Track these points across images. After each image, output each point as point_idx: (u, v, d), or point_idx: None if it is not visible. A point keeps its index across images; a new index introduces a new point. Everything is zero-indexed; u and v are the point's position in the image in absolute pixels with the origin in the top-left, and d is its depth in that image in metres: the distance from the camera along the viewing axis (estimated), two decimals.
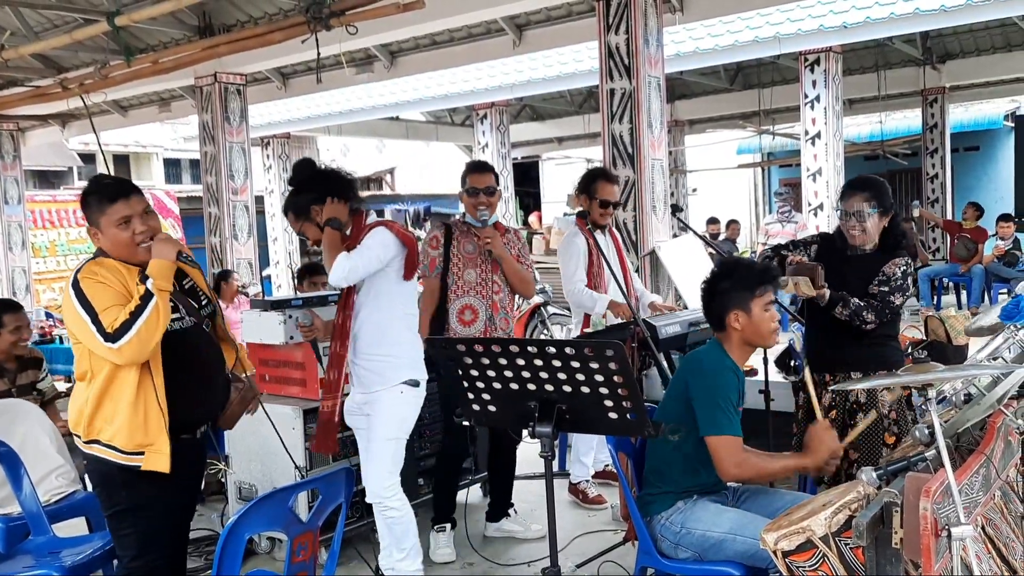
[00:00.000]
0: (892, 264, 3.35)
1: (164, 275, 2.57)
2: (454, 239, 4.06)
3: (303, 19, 4.26)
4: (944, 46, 11.64)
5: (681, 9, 6.98)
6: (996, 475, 2.35)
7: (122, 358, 2.49)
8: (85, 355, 2.60)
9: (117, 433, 2.58)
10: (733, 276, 2.88)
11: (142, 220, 2.64)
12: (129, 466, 2.58)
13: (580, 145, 16.96)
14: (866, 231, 3.34)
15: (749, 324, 2.83)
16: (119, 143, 21.36)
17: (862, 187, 3.38)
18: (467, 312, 4.05)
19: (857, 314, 3.29)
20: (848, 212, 3.35)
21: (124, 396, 2.57)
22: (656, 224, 6.09)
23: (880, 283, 3.34)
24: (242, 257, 9.10)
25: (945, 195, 12.78)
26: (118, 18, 4.86)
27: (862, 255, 3.40)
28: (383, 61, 9.17)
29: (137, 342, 2.47)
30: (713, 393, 2.76)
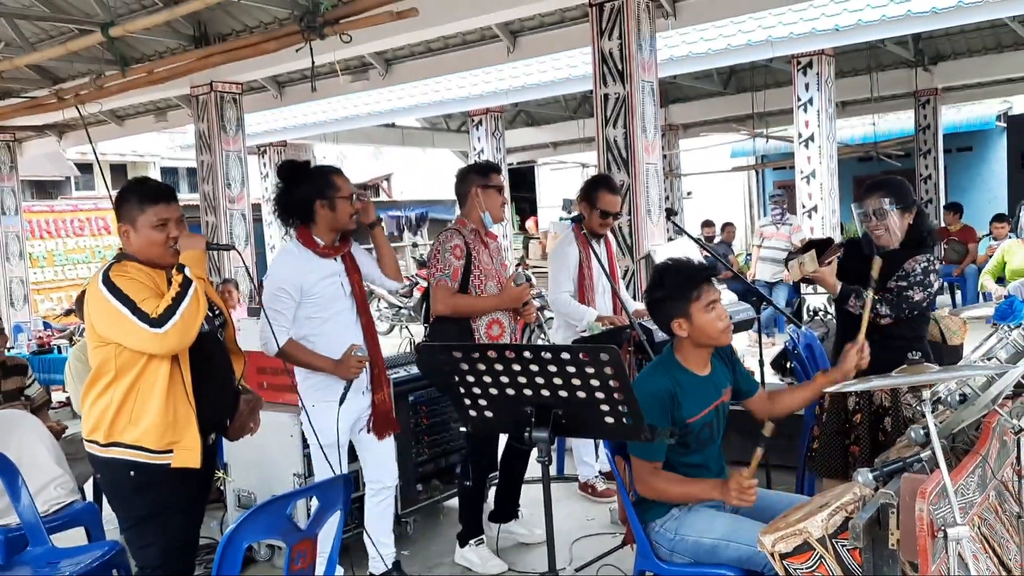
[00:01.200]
0: (913, 260, 3.28)
1: (199, 263, 2.63)
2: (472, 250, 3.96)
3: (297, 28, 4.28)
4: (936, 48, 11.68)
5: (674, 14, 7.00)
6: (992, 475, 2.37)
7: (166, 344, 2.50)
8: (110, 356, 2.60)
9: (146, 433, 2.59)
10: (665, 284, 2.84)
11: (177, 226, 2.71)
12: (157, 465, 2.60)
13: (575, 150, 17.01)
14: (889, 229, 3.27)
15: (693, 328, 2.79)
16: (116, 152, 21.38)
17: (878, 187, 3.33)
18: (495, 327, 3.97)
19: (874, 306, 3.19)
20: (867, 213, 3.29)
21: (154, 393, 2.59)
22: (651, 228, 6.11)
23: (899, 278, 3.27)
24: (239, 265, 9.10)
25: (939, 196, 12.82)
26: (112, 29, 4.87)
27: (885, 254, 3.30)
28: (378, 69, 9.19)
29: (182, 325, 2.50)
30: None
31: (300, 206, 3.39)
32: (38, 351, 8.25)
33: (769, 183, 18.97)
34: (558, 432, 2.33)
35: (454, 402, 2.45)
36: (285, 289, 3.33)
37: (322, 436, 3.40)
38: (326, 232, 3.42)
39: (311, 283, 3.36)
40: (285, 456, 4.13)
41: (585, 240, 4.58)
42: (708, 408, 2.88)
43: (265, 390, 4.31)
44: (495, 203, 4.00)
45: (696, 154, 16.26)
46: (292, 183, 3.42)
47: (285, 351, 3.31)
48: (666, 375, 2.82)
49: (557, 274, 4.61)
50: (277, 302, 3.33)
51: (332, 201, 3.36)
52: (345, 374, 3.34)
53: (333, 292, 3.41)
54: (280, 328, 3.29)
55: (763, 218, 9.82)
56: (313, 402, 3.41)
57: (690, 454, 2.86)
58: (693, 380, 2.85)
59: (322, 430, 3.39)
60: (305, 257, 3.37)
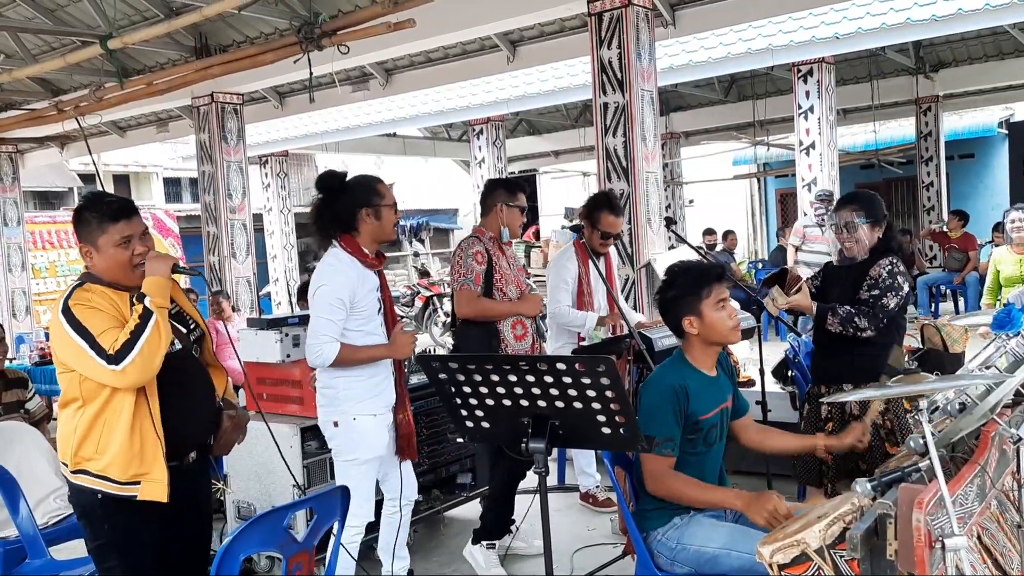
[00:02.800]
0: (876, 266, 3.38)
1: (160, 292, 2.50)
2: (493, 256, 4.13)
3: (295, 39, 4.29)
4: (937, 55, 11.70)
5: (673, 23, 7.02)
6: (991, 484, 2.35)
7: (126, 380, 2.39)
8: (75, 383, 2.50)
9: (111, 463, 2.47)
10: (677, 283, 2.89)
11: (141, 241, 2.59)
12: (124, 497, 2.48)
13: (577, 158, 17.03)
14: (858, 241, 3.40)
15: (703, 326, 2.83)
16: (119, 163, 21.44)
17: (851, 200, 3.49)
18: (519, 327, 4.18)
19: (849, 321, 3.30)
20: (839, 225, 3.43)
21: (119, 424, 2.47)
22: (651, 236, 6.11)
23: (869, 287, 3.36)
24: (240, 275, 9.12)
25: (941, 203, 12.81)
26: (111, 41, 4.88)
27: (852, 265, 3.46)
28: (378, 79, 9.21)
29: (141, 362, 2.38)
30: (649, 410, 2.79)
31: (344, 216, 3.30)
32: (40, 362, 8.25)
33: (771, 191, 18.98)
34: (555, 443, 2.32)
35: (451, 413, 2.44)
36: (342, 299, 3.22)
37: (366, 451, 3.33)
38: (369, 242, 3.34)
39: (361, 295, 3.28)
40: (284, 467, 4.11)
41: (585, 253, 4.60)
42: (716, 409, 2.90)
43: (265, 401, 4.32)
44: (515, 221, 4.20)
45: (698, 162, 16.28)
46: (334, 193, 3.32)
47: (342, 358, 3.21)
48: (677, 373, 2.86)
49: (555, 288, 4.64)
50: (333, 312, 3.21)
51: (378, 210, 3.29)
52: (403, 354, 3.33)
53: (372, 307, 3.35)
54: (331, 338, 3.20)
55: (804, 217, 9.64)
56: (355, 415, 3.32)
57: (696, 451, 2.87)
58: (703, 379, 2.89)
59: (369, 444, 3.33)
60: (355, 266, 3.28)
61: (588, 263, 4.61)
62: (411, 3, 4.42)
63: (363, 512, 3.39)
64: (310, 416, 4.21)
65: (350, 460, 3.38)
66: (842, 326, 3.31)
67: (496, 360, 2.28)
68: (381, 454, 3.40)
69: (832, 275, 3.63)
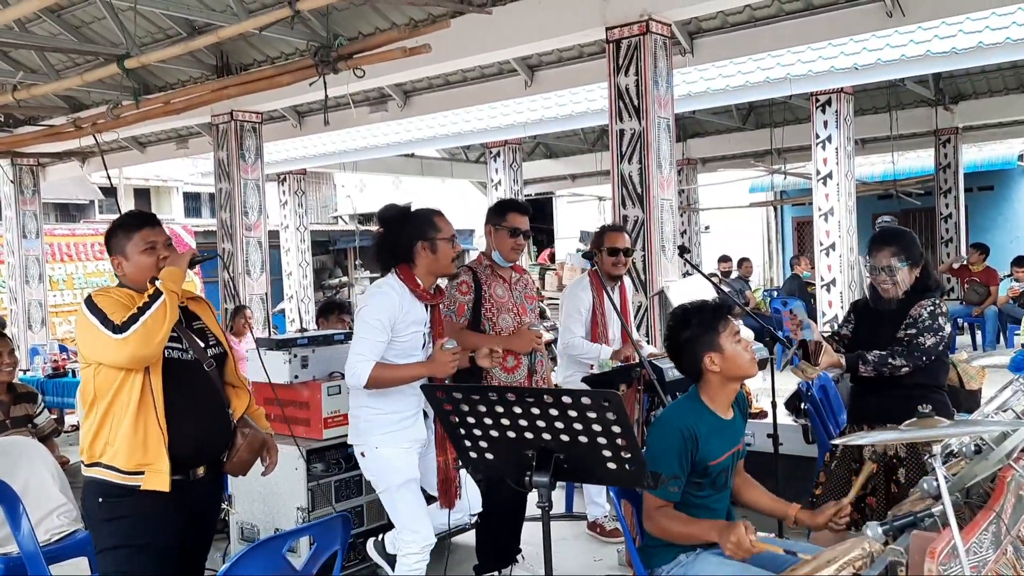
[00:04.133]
0: (918, 305, 3.29)
1: (174, 278, 2.66)
2: (483, 284, 3.95)
3: (311, 62, 4.32)
4: (957, 87, 11.65)
5: (691, 51, 7.02)
6: (1006, 531, 2.29)
7: (127, 350, 2.52)
8: (91, 378, 2.65)
9: (117, 453, 2.62)
10: (692, 322, 2.83)
11: (165, 248, 2.79)
12: (127, 487, 2.61)
13: (593, 182, 17.03)
14: (897, 284, 3.29)
15: (724, 361, 2.77)
16: (140, 177, 21.69)
17: (888, 241, 3.34)
18: (509, 359, 3.95)
19: (882, 364, 3.21)
20: (877, 267, 3.30)
21: (126, 415, 2.61)
22: (665, 264, 6.07)
23: (907, 326, 3.27)
24: (255, 292, 9.15)
25: (959, 235, 12.71)
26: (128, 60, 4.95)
27: (897, 307, 3.33)
28: (397, 100, 9.27)
29: (143, 333, 2.52)
30: (654, 451, 2.74)
31: (401, 247, 3.29)
32: (52, 375, 8.29)
33: (788, 219, 18.90)
34: (559, 477, 2.28)
35: (454, 442, 2.41)
36: (381, 320, 3.19)
37: (396, 475, 3.26)
38: (425, 274, 3.31)
39: (403, 325, 3.23)
40: (290, 490, 4.10)
41: (600, 284, 4.55)
42: (727, 454, 2.84)
43: (273, 421, 4.29)
44: (504, 244, 4.01)
45: (714, 188, 16.25)
46: (394, 225, 3.32)
47: (374, 378, 3.15)
48: (692, 413, 2.80)
49: (568, 318, 4.59)
50: (373, 332, 3.17)
51: (434, 243, 3.27)
52: (443, 371, 3.20)
53: (415, 342, 3.29)
54: (366, 358, 3.16)
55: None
56: (378, 444, 3.28)
57: (703, 495, 2.82)
58: (718, 422, 2.83)
59: (396, 469, 3.27)
60: (403, 293, 3.25)
61: (603, 293, 4.57)
62: (429, 28, 4.45)
63: (417, 538, 3.28)
64: (316, 438, 4.20)
65: (384, 490, 3.33)
66: (876, 370, 3.22)
67: (501, 391, 2.24)
68: (414, 476, 3.31)
69: (867, 316, 3.48)
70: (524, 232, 4.04)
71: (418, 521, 3.30)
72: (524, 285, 4.16)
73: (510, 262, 4.07)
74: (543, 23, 6.33)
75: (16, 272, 11.79)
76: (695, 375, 2.87)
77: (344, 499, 4.22)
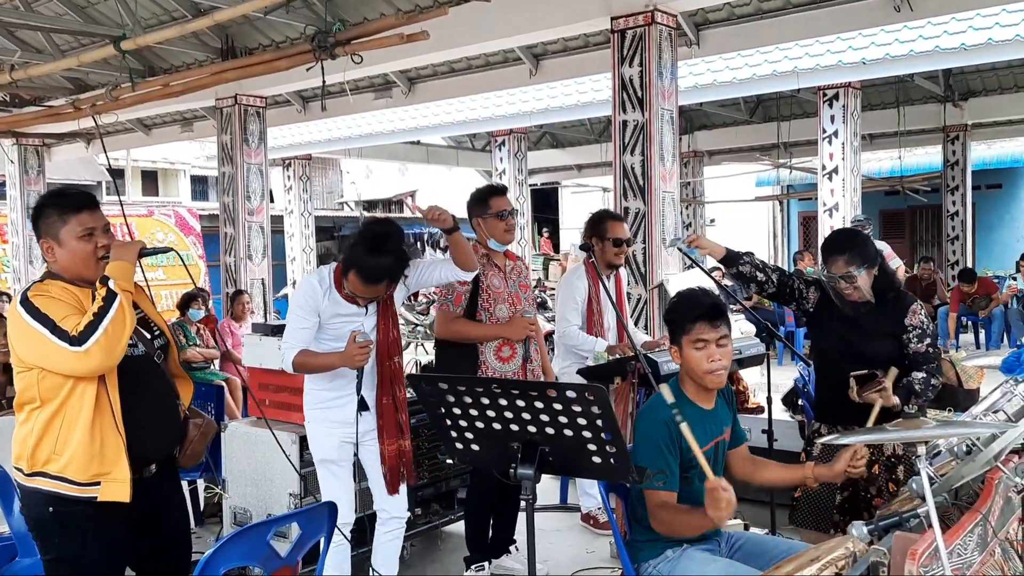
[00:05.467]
0: (912, 314, 3.27)
1: (125, 276, 2.43)
2: (480, 275, 3.92)
3: (309, 48, 4.29)
4: (967, 83, 11.57)
5: (697, 43, 6.98)
6: (993, 534, 2.28)
7: (90, 363, 2.29)
8: (32, 382, 2.40)
9: (69, 463, 2.38)
10: (672, 310, 2.84)
11: (104, 235, 2.51)
12: (82, 499, 2.40)
13: (599, 173, 16.99)
14: (858, 288, 3.24)
15: (682, 360, 2.77)
16: (148, 159, 21.71)
17: (841, 249, 3.27)
18: (505, 348, 3.96)
19: (927, 387, 3.18)
20: (835, 276, 3.25)
21: (79, 421, 2.38)
22: (665, 257, 6.05)
23: (918, 338, 3.24)
24: (255, 277, 9.16)
25: (966, 233, 12.65)
26: (124, 42, 4.93)
27: (870, 311, 3.29)
28: (401, 87, 9.24)
29: (106, 342, 2.29)
30: (642, 444, 2.73)
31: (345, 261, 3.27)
32: None
33: (794, 214, 18.82)
34: (545, 470, 2.27)
35: (440, 433, 2.40)
36: (304, 308, 3.28)
37: (316, 453, 3.44)
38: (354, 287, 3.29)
39: (326, 316, 3.30)
40: (282, 475, 4.10)
41: (595, 274, 4.53)
42: (711, 443, 2.83)
43: (268, 407, 4.29)
44: (496, 229, 3.99)
45: (720, 181, 16.18)
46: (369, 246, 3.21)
47: (296, 364, 3.26)
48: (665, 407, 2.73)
49: (564, 307, 4.57)
50: (296, 319, 3.30)
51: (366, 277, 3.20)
52: (352, 363, 3.20)
53: (343, 331, 3.30)
54: (291, 344, 3.28)
55: None
56: (310, 419, 3.46)
57: (691, 487, 2.80)
58: (697, 412, 2.80)
59: (317, 445, 3.44)
60: (327, 288, 3.30)
61: (598, 283, 4.55)
62: (427, 15, 4.41)
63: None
64: None
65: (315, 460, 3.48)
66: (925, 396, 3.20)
67: (487, 383, 2.23)
68: (331, 457, 3.41)
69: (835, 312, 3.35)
70: (511, 211, 4.04)
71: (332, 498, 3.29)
72: (518, 274, 4.15)
73: (505, 244, 4.05)
74: (546, 12, 6.29)
75: (20, 252, 11.83)
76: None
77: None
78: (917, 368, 3.23)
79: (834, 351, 3.35)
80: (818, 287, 3.45)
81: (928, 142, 13.66)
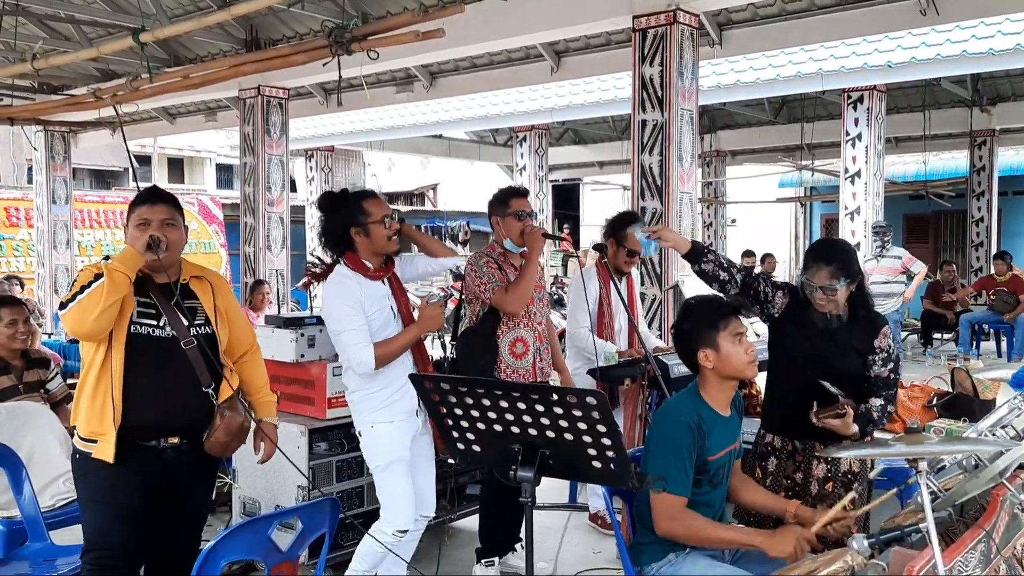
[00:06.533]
0: (882, 336, 3.14)
1: (124, 259, 2.71)
2: (503, 269, 3.99)
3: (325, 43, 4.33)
4: (995, 88, 11.41)
5: (719, 43, 6.93)
6: (996, 551, 2.25)
7: (65, 325, 2.71)
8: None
9: (79, 419, 2.77)
10: (693, 315, 2.83)
11: (159, 228, 2.79)
12: (85, 453, 2.75)
13: (620, 170, 16.92)
14: (835, 301, 3.12)
15: (719, 360, 2.76)
16: (174, 147, 21.91)
17: (828, 259, 3.13)
18: (519, 344, 3.99)
19: (883, 415, 3.08)
20: (814, 286, 3.11)
21: (87, 384, 2.75)
22: (681, 258, 6.01)
23: (883, 361, 3.12)
24: (274, 267, 9.22)
25: (991, 239, 12.49)
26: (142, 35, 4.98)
27: (839, 327, 3.16)
28: (423, 81, 9.26)
29: (78, 310, 2.62)
30: (662, 446, 2.73)
31: (339, 235, 3.38)
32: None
33: (817, 216, 18.66)
34: (545, 472, 2.27)
35: (442, 433, 2.41)
36: (352, 307, 3.27)
37: (383, 457, 3.34)
38: (370, 256, 3.39)
39: (368, 305, 3.32)
40: (291, 467, 4.11)
41: (607, 274, 4.52)
42: (725, 450, 2.83)
43: (280, 399, 4.32)
44: (513, 229, 3.98)
45: (743, 181, 16.08)
46: (329, 213, 3.41)
47: (379, 357, 3.25)
48: (692, 408, 2.79)
49: (575, 308, 4.57)
50: (352, 320, 3.26)
51: (366, 227, 3.34)
52: (433, 325, 3.35)
53: (385, 317, 3.37)
54: (362, 344, 3.24)
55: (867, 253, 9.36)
56: (372, 423, 3.36)
57: (701, 492, 2.80)
58: (716, 418, 2.81)
59: (386, 450, 3.34)
60: (357, 280, 3.34)
61: (610, 284, 4.54)
62: (442, 13, 4.42)
63: (394, 518, 3.34)
64: (319, 417, 4.22)
65: (375, 468, 3.40)
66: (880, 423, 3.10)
67: (488, 385, 2.24)
68: (399, 457, 3.36)
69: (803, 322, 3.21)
70: (529, 213, 4.05)
71: (397, 504, 3.35)
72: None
73: (521, 247, 4.06)
74: (567, 10, 6.27)
75: (44, 237, 11.97)
76: (694, 370, 2.86)
77: (345, 479, 4.24)
78: (875, 394, 3.11)
79: (801, 360, 3.17)
80: (787, 292, 3.30)
81: (954, 146, 13.49)
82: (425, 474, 3.54)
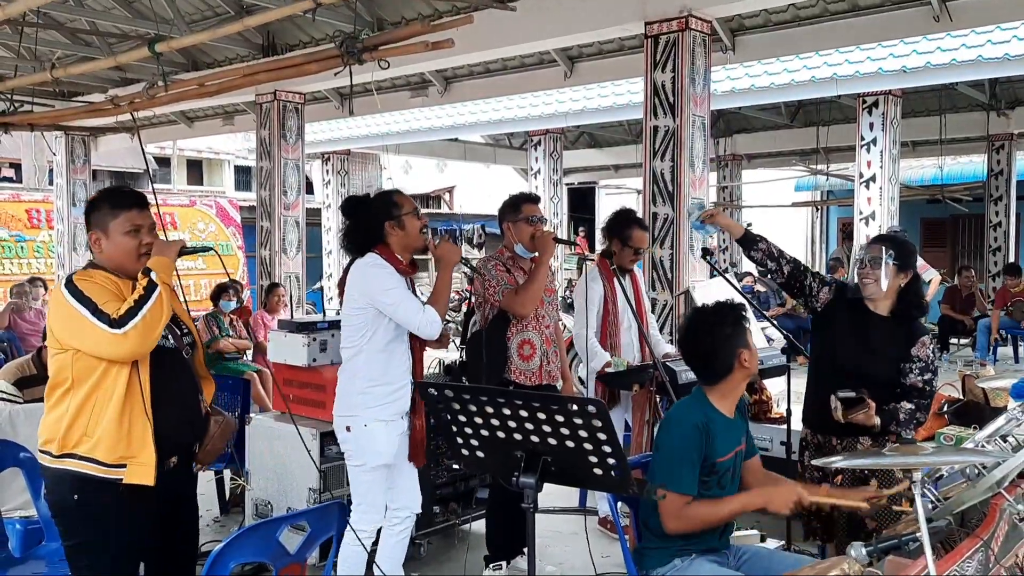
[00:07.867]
0: (921, 345, 3.21)
1: (166, 270, 2.56)
2: (512, 272, 4.06)
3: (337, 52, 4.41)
4: (1014, 92, 11.34)
5: (732, 49, 6.93)
6: (995, 560, 2.27)
7: (126, 345, 2.41)
8: (66, 364, 2.51)
9: (98, 444, 2.48)
10: (730, 319, 2.86)
11: (149, 233, 2.66)
12: (108, 480, 2.48)
13: (635, 174, 16.92)
14: (879, 281, 3.20)
15: (751, 356, 2.84)
16: (193, 148, 22.10)
17: (886, 240, 3.30)
18: (526, 347, 4.05)
19: (911, 420, 3.14)
20: (864, 259, 3.26)
21: (110, 404, 2.48)
22: (692, 263, 6.04)
23: (920, 371, 3.18)
24: (290, 271, 9.30)
25: (1008, 244, 12.39)
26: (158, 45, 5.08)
27: (882, 320, 3.25)
28: (437, 86, 9.32)
29: (143, 327, 2.42)
30: (670, 448, 2.77)
31: (373, 232, 3.41)
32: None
33: (834, 220, 18.57)
34: (547, 479, 2.31)
35: (447, 439, 2.46)
36: (397, 280, 3.34)
37: (374, 458, 3.36)
38: (402, 251, 3.45)
39: None
40: (303, 470, 4.18)
41: (611, 275, 4.55)
42: (732, 452, 2.87)
43: (293, 403, 4.38)
44: (524, 234, 4.05)
45: (759, 185, 16.04)
46: (358, 215, 3.46)
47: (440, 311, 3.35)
48: (699, 411, 2.83)
49: (581, 310, 4.60)
50: (401, 291, 3.32)
51: (400, 220, 3.40)
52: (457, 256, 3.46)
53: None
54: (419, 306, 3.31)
55: None
56: (366, 420, 3.36)
57: (710, 494, 2.83)
58: (722, 420, 2.85)
59: (377, 451, 3.35)
60: (390, 269, 3.38)
61: (614, 283, 4.57)
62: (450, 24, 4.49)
63: (370, 518, 3.40)
64: (331, 421, 4.27)
65: (359, 466, 3.41)
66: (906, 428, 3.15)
67: (491, 392, 2.28)
68: (389, 461, 3.41)
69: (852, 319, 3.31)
70: (540, 218, 4.11)
71: (377, 503, 3.42)
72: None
73: (531, 252, 4.11)
74: (579, 16, 6.30)
75: (64, 239, 12.14)
76: (724, 373, 2.85)
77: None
78: (908, 400, 3.17)
79: (833, 359, 3.30)
80: (832, 289, 3.41)
81: (972, 150, 13.40)
82: (409, 473, 3.56)
